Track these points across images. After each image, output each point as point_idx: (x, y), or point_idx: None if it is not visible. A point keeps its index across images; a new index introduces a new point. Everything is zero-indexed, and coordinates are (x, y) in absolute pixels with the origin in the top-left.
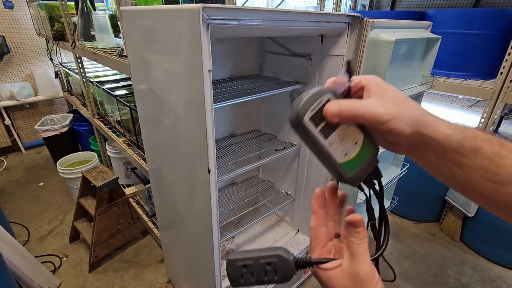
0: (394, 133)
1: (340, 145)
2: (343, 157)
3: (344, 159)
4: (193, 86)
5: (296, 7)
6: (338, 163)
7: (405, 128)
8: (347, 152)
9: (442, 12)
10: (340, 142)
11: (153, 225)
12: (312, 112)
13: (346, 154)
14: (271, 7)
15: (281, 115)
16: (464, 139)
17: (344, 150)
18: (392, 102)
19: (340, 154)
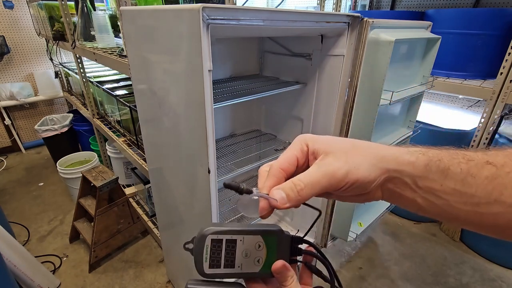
0: (359, 183)
1: (248, 260)
2: (258, 264)
3: (260, 265)
4: (193, 86)
5: (296, 7)
6: (257, 272)
7: (368, 173)
8: (259, 258)
9: (442, 12)
10: (246, 258)
11: (153, 225)
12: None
13: (259, 260)
14: (271, 7)
15: (281, 115)
16: (430, 162)
17: (254, 259)
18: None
19: (253, 265)
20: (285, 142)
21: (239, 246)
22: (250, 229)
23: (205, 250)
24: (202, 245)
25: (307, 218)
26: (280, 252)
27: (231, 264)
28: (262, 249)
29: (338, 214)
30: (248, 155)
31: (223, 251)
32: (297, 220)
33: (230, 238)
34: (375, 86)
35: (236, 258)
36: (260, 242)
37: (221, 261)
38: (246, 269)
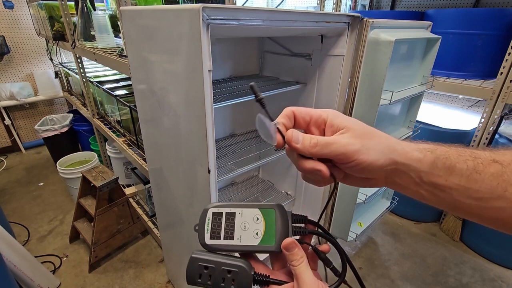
0: (367, 164)
1: (247, 232)
2: (257, 237)
3: (259, 238)
4: (193, 86)
5: (296, 7)
6: (257, 245)
7: (377, 158)
8: (257, 231)
9: (442, 12)
10: (245, 230)
11: (153, 225)
12: (209, 233)
13: (257, 233)
14: (271, 7)
15: None
16: (437, 160)
17: (253, 231)
18: (360, 134)
19: (252, 237)
20: None
21: (238, 218)
22: (248, 203)
23: (207, 222)
24: (204, 218)
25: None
26: (279, 226)
27: (230, 236)
28: (261, 222)
29: (338, 214)
30: (248, 155)
31: (223, 223)
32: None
33: (230, 211)
34: (375, 86)
35: (235, 230)
36: (258, 215)
37: (221, 233)
38: (245, 241)
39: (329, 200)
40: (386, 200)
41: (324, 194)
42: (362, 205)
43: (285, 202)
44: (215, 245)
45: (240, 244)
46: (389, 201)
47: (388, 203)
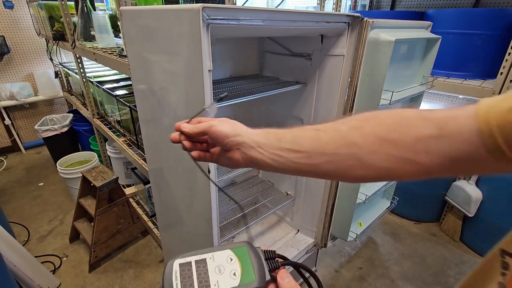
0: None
1: (224, 275)
2: (235, 278)
3: (238, 279)
4: (193, 86)
5: (296, 7)
6: (238, 286)
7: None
8: (234, 271)
9: (442, 12)
10: (221, 274)
11: (153, 225)
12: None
13: (235, 273)
14: (271, 7)
15: (281, 115)
16: (268, 133)
17: (230, 272)
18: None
19: (231, 279)
20: None
21: (210, 263)
22: (215, 247)
23: (175, 276)
24: (170, 274)
25: (307, 218)
26: (254, 262)
27: (206, 284)
28: (235, 261)
29: (338, 214)
30: None
31: (194, 271)
32: (297, 220)
33: (199, 258)
34: (375, 86)
35: (209, 276)
36: (230, 255)
37: (194, 284)
38: (224, 286)
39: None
40: (386, 200)
41: (324, 194)
42: (362, 205)
43: (285, 202)
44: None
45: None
46: (389, 201)
47: (388, 203)
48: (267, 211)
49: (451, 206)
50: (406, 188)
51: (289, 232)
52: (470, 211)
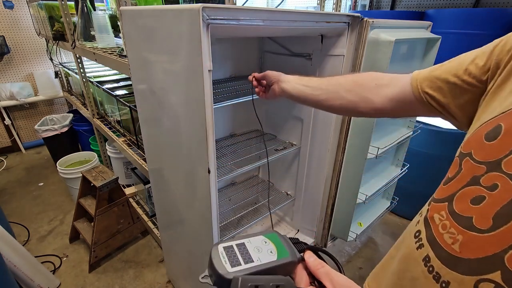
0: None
1: (263, 253)
2: (273, 254)
3: (275, 254)
4: (193, 86)
5: (296, 7)
6: (277, 260)
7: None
8: (270, 249)
9: (442, 12)
10: (260, 252)
11: (153, 225)
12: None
13: (271, 251)
14: (271, 7)
15: (281, 115)
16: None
17: (267, 251)
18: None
19: (269, 255)
20: (285, 142)
21: (248, 245)
22: (250, 234)
23: (221, 256)
24: (217, 254)
25: (307, 218)
26: (285, 243)
27: (250, 259)
28: (269, 243)
29: (338, 214)
30: (248, 155)
31: (237, 251)
32: (297, 220)
33: (238, 242)
34: None
35: (251, 254)
36: (264, 240)
37: (239, 259)
38: (265, 260)
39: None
40: (386, 200)
41: (324, 194)
42: (362, 205)
43: (285, 202)
44: (239, 271)
45: (262, 263)
46: (389, 201)
47: (388, 203)
48: (267, 211)
49: None
50: (406, 188)
51: (289, 232)
52: None
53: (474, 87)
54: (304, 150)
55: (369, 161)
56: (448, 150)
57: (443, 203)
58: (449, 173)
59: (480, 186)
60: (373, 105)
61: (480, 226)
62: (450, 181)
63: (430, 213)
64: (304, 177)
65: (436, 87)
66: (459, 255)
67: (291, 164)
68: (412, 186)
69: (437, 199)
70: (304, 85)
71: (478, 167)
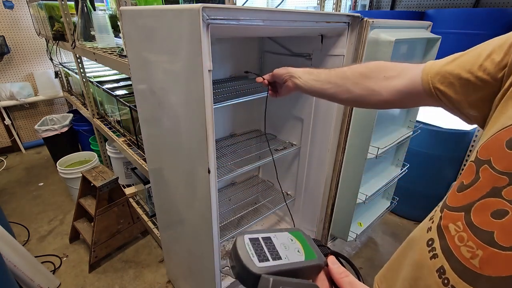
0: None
1: (290, 251)
2: (301, 254)
3: (303, 255)
4: (193, 86)
5: (296, 7)
6: (304, 261)
7: (281, 72)
8: (297, 248)
9: (442, 12)
10: (287, 250)
11: (153, 225)
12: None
13: (299, 250)
14: (271, 7)
15: (281, 115)
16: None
17: (294, 249)
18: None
19: (297, 255)
20: (285, 142)
21: (275, 241)
22: (273, 229)
23: (248, 247)
24: (243, 245)
25: (307, 218)
26: (311, 244)
27: (278, 256)
28: (295, 242)
29: (338, 214)
30: (248, 155)
31: (264, 245)
32: (297, 220)
33: (264, 236)
34: None
35: (278, 250)
36: (290, 237)
37: (267, 254)
38: (293, 259)
39: None
40: (386, 200)
41: (324, 194)
42: (362, 205)
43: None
44: (267, 267)
45: (290, 262)
46: (389, 201)
47: (388, 203)
48: (267, 211)
49: None
50: (406, 188)
51: None
52: None
53: (488, 84)
54: (304, 150)
55: (369, 161)
56: (448, 150)
57: (459, 212)
58: (464, 179)
59: (501, 199)
60: (381, 97)
61: (502, 242)
62: (466, 188)
63: (444, 222)
64: (304, 177)
65: (447, 83)
66: (479, 271)
67: (291, 164)
68: (412, 186)
69: (451, 207)
70: (314, 79)
71: (499, 178)
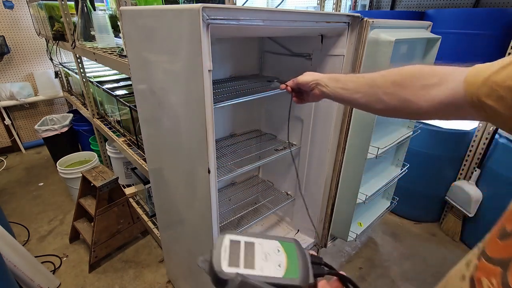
0: (303, 82)
1: (269, 263)
2: (280, 269)
3: (283, 271)
4: (193, 86)
5: (296, 7)
6: (282, 278)
7: (307, 79)
8: (279, 262)
9: (442, 12)
10: (267, 261)
11: (153, 225)
12: (226, 260)
13: (280, 264)
14: (271, 7)
15: (281, 115)
16: (330, 77)
17: (275, 263)
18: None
19: (275, 269)
20: (285, 142)
21: (258, 248)
22: (266, 235)
23: (223, 249)
24: (220, 245)
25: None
26: (301, 260)
27: (250, 265)
28: (282, 254)
29: (338, 214)
30: (248, 155)
31: (242, 251)
32: (297, 220)
33: (248, 241)
34: None
35: (255, 259)
36: (278, 247)
37: (239, 261)
38: (268, 273)
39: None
40: (386, 200)
41: (324, 194)
42: (362, 205)
43: (285, 202)
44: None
45: (262, 275)
46: (389, 201)
47: (388, 203)
48: (267, 211)
49: (451, 206)
50: (406, 188)
51: (289, 232)
52: (470, 211)
53: None
54: (304, 150)
55: (369, 161)
56: (448, 150)
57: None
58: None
59: None
60: (421, 109)
61: None
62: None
63: (477, 274)
64: (304, 177)
65: (496, 97)
66: None
67: (291, 164)
68: (412, 186)
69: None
70: (342, 88)
71: None
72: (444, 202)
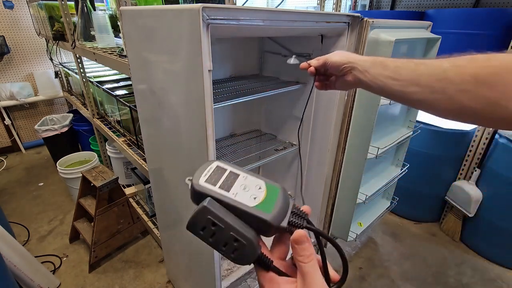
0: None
1: (245, 193)
2: (254, 200)
3: (255, 202)
4: (193, 86)
5: (296, 7)
6: (251, 207)
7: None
8: (256, 196)
9: (442, 12)
10: (244, 191)
11: (153, 225)
12: (205, 177)
13: (256, 198)
14: (271, 7)
15: (281, 115)
16: (375, 60)
17: (251, 195)
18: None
19: (249, 199)
20: (285, 142)
21: (241, 180)
22: (257, 175)
23: (207, 170)
24: (206, 167)
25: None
26: (279, 203)
27: (226, 188)
28: (262, 191)
29: (338, 214)
30: (248, 155)
31: (224, 176)
32: None
33: (234, 171)
34: None
35: (233, 186)
36: (261, 185)
37: (217, 182)
38: (240, 199)
39: None
40: (386, 200)
41: (324, 194)
42: (362, 205)
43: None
44: (206, 189)
45: (233, 199)
46: (389, 201)
47: (388, 203)
48: None
49: (451, 206)
50: (406, 188)
51: None
52: (470, 211)
53: None
54: (304, 150)
55: (369, 161)
56: (448, 150)
57: None
58: None
59: None
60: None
61: None
62: None
63: None
64: (304, 177)
65: None
66: None
67: (291, 164)
68: (412, 186)
69: None
70: (390, 76)
71: None
72: (444, 202)
